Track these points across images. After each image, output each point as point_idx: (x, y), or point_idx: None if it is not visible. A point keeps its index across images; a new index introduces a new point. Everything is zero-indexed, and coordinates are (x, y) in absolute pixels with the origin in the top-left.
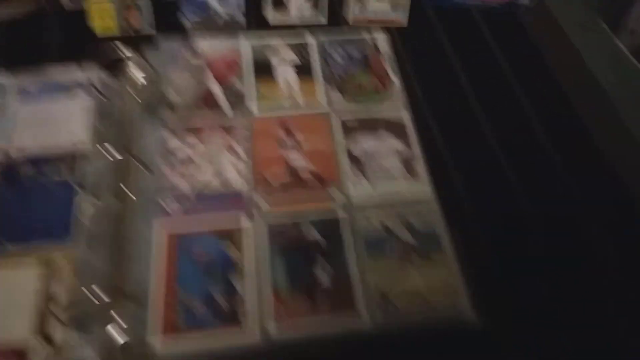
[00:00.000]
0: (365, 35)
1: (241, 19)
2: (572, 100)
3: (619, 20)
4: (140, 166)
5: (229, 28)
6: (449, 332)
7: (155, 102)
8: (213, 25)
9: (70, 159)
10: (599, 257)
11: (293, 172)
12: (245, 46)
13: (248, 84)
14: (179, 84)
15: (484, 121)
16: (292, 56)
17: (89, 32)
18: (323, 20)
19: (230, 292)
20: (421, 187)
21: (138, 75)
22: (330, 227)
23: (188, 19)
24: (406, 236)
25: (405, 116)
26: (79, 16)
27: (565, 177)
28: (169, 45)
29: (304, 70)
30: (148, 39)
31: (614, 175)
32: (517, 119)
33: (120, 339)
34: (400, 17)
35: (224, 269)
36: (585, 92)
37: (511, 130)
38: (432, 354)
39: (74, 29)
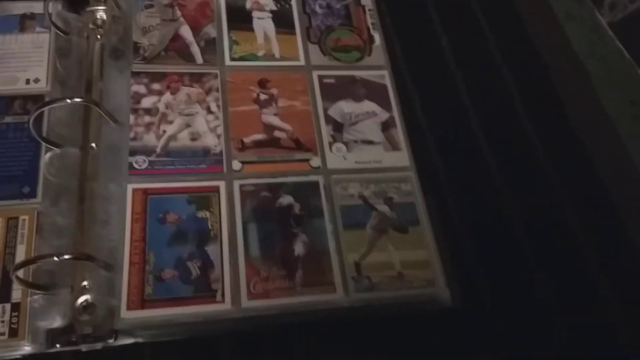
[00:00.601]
0: None
1: None
2: (552, 75)
3: None
4: (103, 114)
5: None
6: (423, 309)
7: (120, 43)
8: None
9: (24, 99)
10: (575, 238)
11: (267, 129)
12: None
13: (220, 30)
14: (146, 24)
15: (463, 88)
16: (268, 1)
17: None
18: None
19: (203, 258)
20: (400, 156)
21: (101, 10)
22: (305, 193)
23: None
24: (383, 208)
25: (385, 77)
26: None
27: (543, 158)
28: None
29: (280, 18)
30: None
31: (590, 162)
32: (498, 90)
33: (85, 302)
34: None
35: (195, 234)
36: (566, 70)
37: (491, 101)
38: (405, 330)
39: None
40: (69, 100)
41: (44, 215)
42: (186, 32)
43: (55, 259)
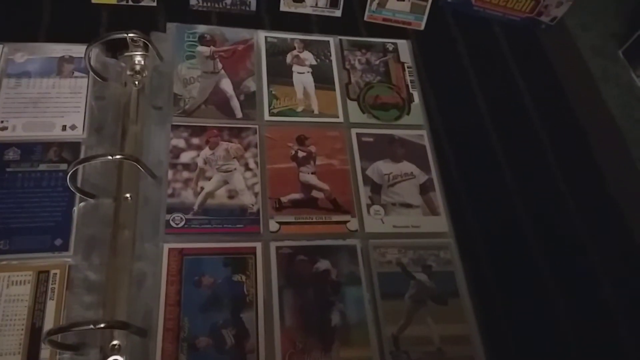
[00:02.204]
0: (386, 40)
1: (252, 1)
2: (588, 132)
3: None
4: (140, 168)
5: (237, 9)
6: None
7: (159, 94)
8: (220, 4)
9: (60, 146)
10: (614, 314)
11: (305, 188)
12: (260, 40)
13: (260, 84)
14: (187, 76)
15: (499, 149)
16: (309, 56)
17: None
18: (337, 12)
19: (238, 327)
20: (439, 221)
21: (138, 55)
22: (342, 257)
23: None
24: (422, 277)
25: (424, 137)
26: None
27: (580, 224)
28: (178, 28)
29: (320, 73)
30: (150, 15)
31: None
32: (532, 146)
33: None
34: (418, 20)
35: (231, 300)
36: (600, 126)
37: (525, 158)
38: None
39: None
40: (110, 157)
41: (75, 269)
42: (226, 85)
43: (91, 327)
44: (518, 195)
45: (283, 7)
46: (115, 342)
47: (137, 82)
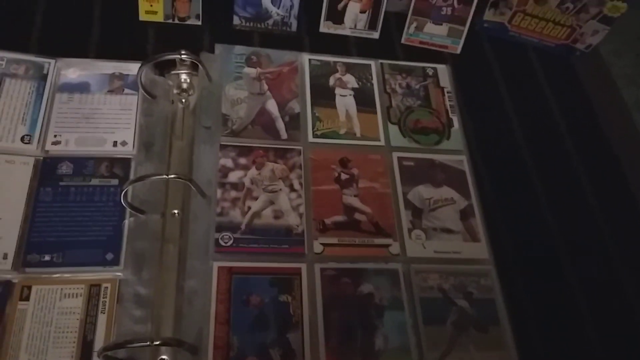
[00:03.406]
0: (426, 65)
1: (293, 22)
2: (621, 159)
3: None
4: (192, 186)
5: (278, 30)
6: None
7: (208, 113)
8: (262, 24)
9: (111, 161)
10: None
11: (348, 210)
12: (304, 62)
13: (304, 105)
14: (235, 97)
15: (535, 176)
16: (351, 79)
17: (130, 13)
18: (375, 35)
19: (284, 347)
20: (479, 248)
21: (187, 77)
22: (385, 281)
23: (238, 14)
24: (463, 303)
25: (464, 162)
26: None
27: (611, 241)
28: (226, 49)
29: (362, 96)
30: (195, 33)
31: None
32: (566, 172)
33: None
34: (455, 44)
35: (277, 319)
36: (633, 153)
37: (560, 185)
38: None
39: (115, 7)
40: (165, 176)
41: (125, 284)
42: (272, 106)
43: (147, 344)
44: (554, 222)
45: (323, 29)
46: (163, 357)
47: (183, 100)
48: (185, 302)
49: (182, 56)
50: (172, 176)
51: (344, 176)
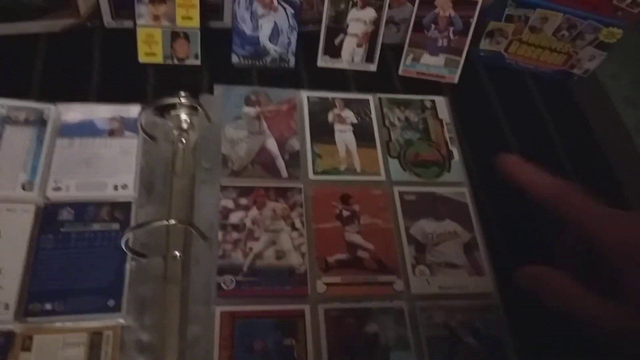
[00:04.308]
0: (424, 97)
1: (290, 58)
2: (622, 183)
3: None
4: (192, 230)
5: (276, 66)
6: None
7: (208, 154)
8: (261, 61)
9: (112, 206)
10: None
11: (350, 248)
12: (302, 100)
13: (304, 143)
14: (234, 137)
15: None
16: (349, 114)
17: (130, 56)
18: (373, 67)
19: None
20: (484, 282)
21: (189, 119)
22: (390, 320)
23: (236, 52)
24: (471, 341)
25: (465, 194)
26: (119, 36)
27: None
28: (225, 90)
29: (361, 131)
30: (194, 73)
31: None
32: None
33: None
34: (452, 74)
35: None
36: (634, 176)
37: None
38: None
39: (114, 50)
40: (166, 222)
41: (127, 330)
42: (272, 145)
43: None
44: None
45: (320, 63)
46: None
47: (184, 140)
48: (189, 349)
49: (183, 101)
50: (173, 222)
51: (345, 213)
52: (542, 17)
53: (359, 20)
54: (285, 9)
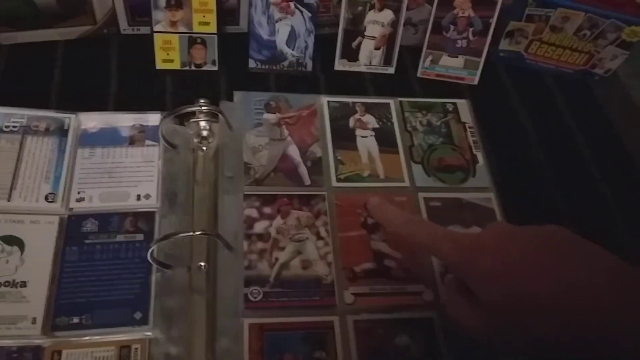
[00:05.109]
0: (445, 100)
1: (308, 62)
2: None
3: None
4: (218, 240)
5: (294, 70)
6: None
7: (230, 163)
8: (278, 66)
9: (135, 216)
10: None
11: (377, 257)
12: (323, 105)
13: (326, 149)
14: (256, 144)
15: (564, 207)
16: (371, 119)
17: (146, 62)
18: (391, 70)
19: None
20: None
21: (206, 124)
22: (420, 331)
23: (253, 57)
24: None
25: (492, 200)
26: (136, 43)
27: None
28: (245, 97)
29: (383, 136)
30: (211, 79)
31: None
32: (595, 200)
33: None
34: (472, 76)
35: None
36: None
37: (590, 214)
38: None
39: (131, 57)
40: (192, 233)
41: (155, 343)
42: (293, 151)
43: None
44: None
45: (338, 67)
46: None
47: (204, 148)
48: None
49: (203, 108)
50: (199, 233)
51: (370, 220)
52: (564, 16)
53: (376, 22)
54: (302, 13)
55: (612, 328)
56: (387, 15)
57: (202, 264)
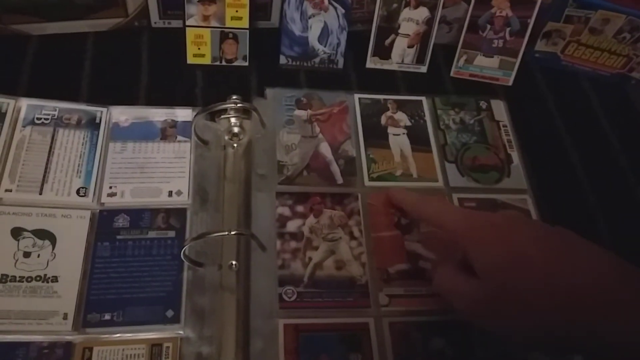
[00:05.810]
0: (479, 99)
1: (339, 59)
2: None
3: None
4: (253, 240)
5: (325, 67)
6: None
7: (263, 161)
8: (309, 62)
9: (167, 212)
10: None
11: (411, 257)
12: (354, 102)
13: (358, 147)
14: (288, 142)
15: (599, 212)
16: (403, 117)
17: (177, 56)
18: (423, 68)
19: None
20: None
21: (236, 120)
22: (456, 334)
23: (284, 53)
24: (538, 355)
25: (527, 201)
26: (167, 36)
27: None
28: (276, 93)
29: (415, 134)
30: (242, 74)
31: None
32: (630, 205)
33: None
34: (506, 77)
35: None
36: None
37: (624, 219)
38: None
39: (162, 50)
40: (227, 233)
41: (187, 342)
42: (325, 149)
43: None
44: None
45: (369, 64)
46: None
47: (235, 145)
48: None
49: (238, 105)
50: (234, 232)
51: (404, 221)
52: (604, 18)
53: (411, 20)
54: (336, 9)
55: (602, 327)
56: (423, 12)
57: (234, 262)
